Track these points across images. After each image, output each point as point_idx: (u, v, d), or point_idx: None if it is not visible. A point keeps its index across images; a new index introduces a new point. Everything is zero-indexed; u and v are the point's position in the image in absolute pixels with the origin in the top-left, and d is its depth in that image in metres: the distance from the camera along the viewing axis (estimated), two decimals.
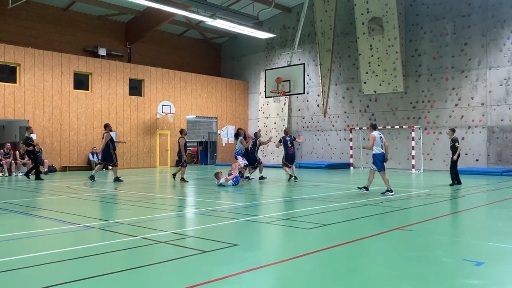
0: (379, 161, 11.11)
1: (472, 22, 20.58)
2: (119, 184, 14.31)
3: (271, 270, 4.64)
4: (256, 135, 16.14)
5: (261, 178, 15.58)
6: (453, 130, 13.86)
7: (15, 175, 18.60)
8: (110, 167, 17.42)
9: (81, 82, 22.41)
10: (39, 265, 4.73)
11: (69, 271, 4.52)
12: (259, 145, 16.27)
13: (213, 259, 5.01)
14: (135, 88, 24.52)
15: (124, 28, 25.87)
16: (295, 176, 15.11)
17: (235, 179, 13.39)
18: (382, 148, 11.15)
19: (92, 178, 14.87)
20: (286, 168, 15.36)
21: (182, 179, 14.97)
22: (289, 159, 15.31)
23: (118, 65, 23.65)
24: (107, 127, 15.40)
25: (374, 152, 11.17)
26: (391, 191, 10.92)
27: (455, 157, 13.31)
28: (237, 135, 15.58)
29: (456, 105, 21.03)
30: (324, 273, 4.55)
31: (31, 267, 4.64)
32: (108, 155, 15.35)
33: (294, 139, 15.96)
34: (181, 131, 15.51)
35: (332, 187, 13.14)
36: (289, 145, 15.27)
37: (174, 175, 15.67)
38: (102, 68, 22.90)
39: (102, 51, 24.09)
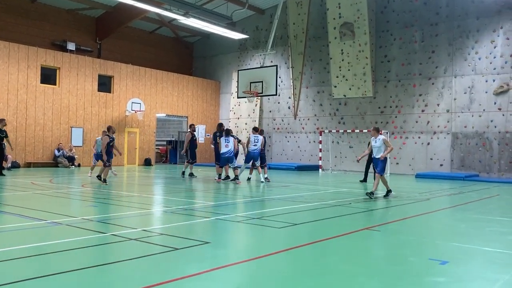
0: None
1: (439, 31, 21.21)
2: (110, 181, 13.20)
3: (242, 268, 4.67)
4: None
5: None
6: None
7: None
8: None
9: (48, 76, 21.81)
10: (4, 260, 4.61)
11: (35, 267, 4.42)
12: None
13: (185, 256, 5.00)
14: (104, 84, 24.08)
15: (94, 23, 25.37)
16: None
17: None
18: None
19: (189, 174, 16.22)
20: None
21: (104, 180, 13.06)
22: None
23: (87, 60, 23.16)
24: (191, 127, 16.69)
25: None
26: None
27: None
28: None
29: (423, 111, 21.61)
30: (294, 271, 4.61)
31: None
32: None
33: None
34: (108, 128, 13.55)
35: (302, 188, 13.27)
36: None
37: (98, 176, 13.48)
38: (70, 63, 22.38)
39: (71, 46, 23.54)
